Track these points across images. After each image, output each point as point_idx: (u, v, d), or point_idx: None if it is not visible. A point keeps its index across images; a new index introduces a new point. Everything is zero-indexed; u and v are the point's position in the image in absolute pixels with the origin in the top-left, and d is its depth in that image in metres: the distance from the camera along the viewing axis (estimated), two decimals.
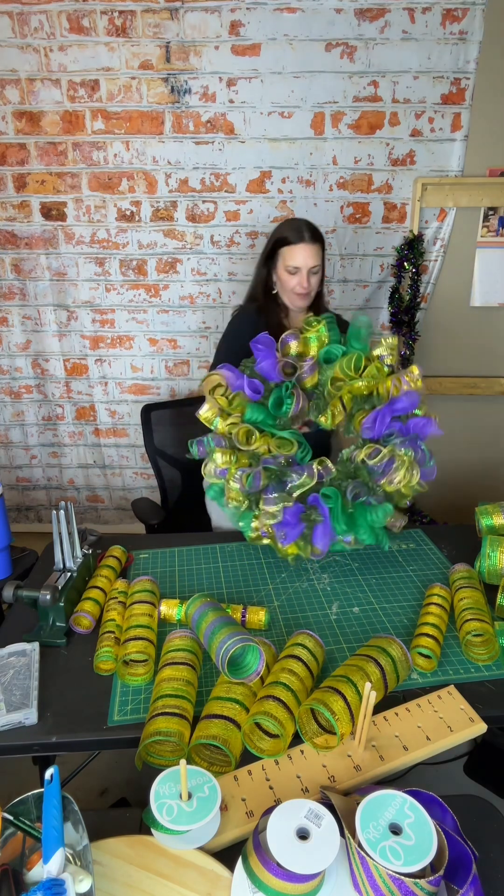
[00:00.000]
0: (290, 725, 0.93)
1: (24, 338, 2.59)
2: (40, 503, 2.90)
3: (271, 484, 1.34)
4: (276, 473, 1.35)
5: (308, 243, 1.63)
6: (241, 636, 1.02)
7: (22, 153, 2.31)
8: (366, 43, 2.15)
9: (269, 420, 1.42)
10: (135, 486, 2.85)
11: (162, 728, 0.92)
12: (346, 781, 0.88)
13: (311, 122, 2.26)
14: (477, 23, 2.12)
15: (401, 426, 1.41)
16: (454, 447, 2.70)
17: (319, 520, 1.31)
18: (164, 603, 1.25)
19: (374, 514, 1.31)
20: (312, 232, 1.65)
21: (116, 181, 2.35)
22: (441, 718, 0.99)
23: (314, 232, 1.65)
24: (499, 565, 1.33)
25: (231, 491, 1.35)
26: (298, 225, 1.66)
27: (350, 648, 1.17)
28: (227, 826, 0.82)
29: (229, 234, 2.41)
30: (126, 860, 0.77)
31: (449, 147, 2.29)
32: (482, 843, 0.81)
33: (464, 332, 2.55)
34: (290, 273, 1.66)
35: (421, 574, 1.43)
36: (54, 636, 1.19)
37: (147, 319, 2.55)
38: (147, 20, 2.14)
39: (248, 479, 1.31)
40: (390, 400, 1.43)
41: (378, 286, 2.48)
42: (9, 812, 0.78)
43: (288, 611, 1.29)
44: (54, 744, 0.98)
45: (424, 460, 1.39)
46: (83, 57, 2.18)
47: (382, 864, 0.68)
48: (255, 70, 2.19)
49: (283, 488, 1.33)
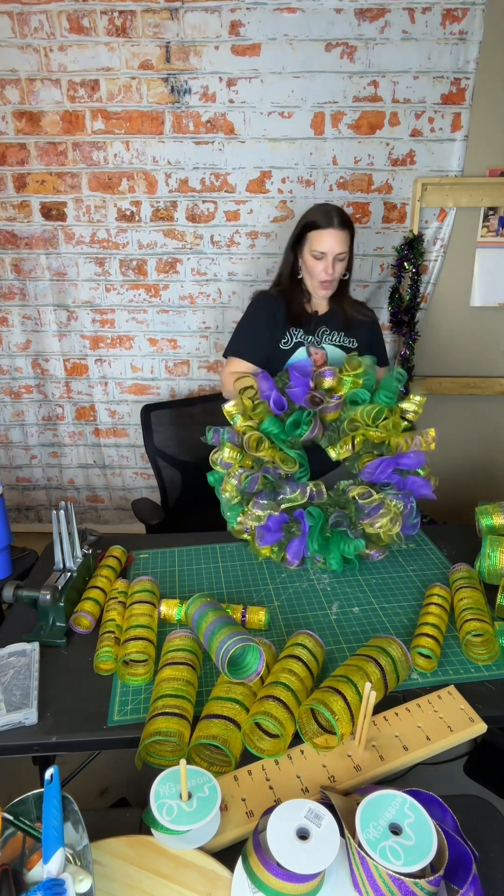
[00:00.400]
0: (290, 725, 0.93)
1: (24, 338, 2.59)
2: (40, 503, 2.90)
3: (265, 490, 1.42)
4: (272, 483, 1.43)
5: (336, 229, 1.60)
6: (241, 636, 1.02)
7: (22, 153, 2.31)
8: (366, 43, 2.15)
9: (283, 436, 1.49)
10: (135, 486, 2.85)
11: (162, 728, 0.92)
12: (346, 781, 0.88)
13: (311, 122, 2.25)
14: (477, 23, 2.12)
15: (399, 479, 1.48)
16: (454, 447, 2.71)
17: (298, 534, 1.42)
18: (164, 603, 1.25)
19: (347, 546, 1.39)
20: (342, 218, 1.61)
21: (116, 181, 2.35)
22: (441, 718, 0.99)
23: (344, 218, 1.62)
24: (499, 565, 1.33)
25: (228, 484, 1.44)
26: (328, 209, 1.62)
27: (350, 648, 1.17)
28: (227, 826, 0.82)
29: (229, 234, 2.41)
30: (126, 860, 0.77)
31: (449, 147, 2.29)
32: (482, 843, 0.81)
33: (464, 332, 2.55)
34: (316, 258, 1.63)
35: (421, 574, 1.43)
36: (54, 636, 1.19)
37: (147, 319, 2.55)
38: (147, 20, 2.14)
39: (246, 479, 1.40)
40: (398, 454, 1.49)
41: (378, 286, 2.48)
42: (9, 812, 0.78)
43: (288, 611, 1.29)
44: (54, 744, 0.98)
45: (410, 517, 1.45)
46: (83, 57, 2.18)
47: (382, 864, 0.68)
48: (255, 70, 2.19)
49: (275, 497, 1.41)
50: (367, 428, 1.50)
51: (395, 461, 1.47)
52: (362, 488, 1.43)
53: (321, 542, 1.40)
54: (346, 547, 1.39)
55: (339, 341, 1.73)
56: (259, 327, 1.71)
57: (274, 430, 1.47)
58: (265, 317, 1.71)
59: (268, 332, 1.70)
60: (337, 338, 1.73)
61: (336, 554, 1.39)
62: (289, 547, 1.43)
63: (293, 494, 1.40)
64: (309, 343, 1.69)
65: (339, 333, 1.73)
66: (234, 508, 1.45)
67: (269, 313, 1.71)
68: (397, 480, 1.47)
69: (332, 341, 1.72)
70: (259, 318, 1.72)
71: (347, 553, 1.39)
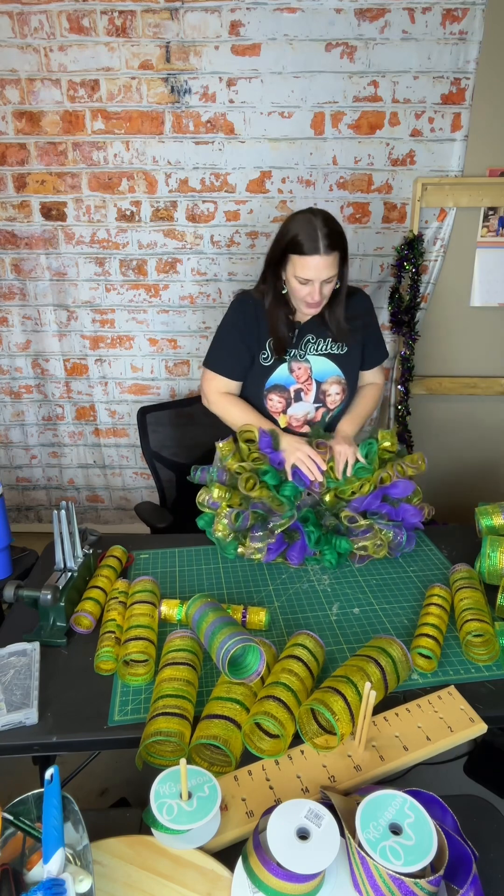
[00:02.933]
0: (290, 725, 0.94)
1: (24, 338, 2.59)
2: (40, 503, 2.91)
3: (257, 524, 1.44)
4: (262, 516, 1.45)
5: (323, 255, 1.39)
6: (241, 636, 1.02)
7: (22, 153, 2.31)
8: (366, 43, 2.15)
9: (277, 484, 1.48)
10: (135, 487, 2.85)
11: (162, 728, 0.92)
12: (346, 781, 0.88)
13: (311, 122, 2.25)
14: (477, 23, 2.12)
15: (391, 509, 1.49)
16: (454, 447, 2.71)
17: (297, 537, 1.45)
18: (165, 603, 1.25)
19: (339, 543, 1.44)
20: (329, 240, 1.39)
21: (116, 181, 2.35)
22: (441, 719, 0.99)
23: (332, 238, 1.39)
24: (499, 565, 1.33)
25: (219, 524, 1.45)
26: (313, 231, 1.38)
27: (350, 649, 1.17)
28: (227, 826, 0.82)
29: (229, 234, 2.41)
30: (126, 860, 0.77)
31: (449, 147, 2.29)
32: (482, 843, 0.81)
33: (464, 332, 2.55)
34: (301, 283, 1.45)
35: (421, 574, 1.43)
36: (55, 636, 1.19)
37: (147, 319, 2.55)
38: (147, 20, 2.14)
39: (237, 518, 1.42)
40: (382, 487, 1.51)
41: (378, 286, 2.48)
42: (9, 812, 0.78)
43: (288, 611, 1.29)
44: (54, 744, 0.98)
45: (400, 546, 1.47)
46: (83, 57, 2.18)
47: (382, 864, 0.68)
48: (255, 70, 2.19)
49: (267, 526, 1.44)
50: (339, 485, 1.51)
51: (381, 493, 1.49)
52: (348, 514, 1.46)
53: (318, 537, 1.44)
54: (339, 543, 1.43)
55: (327, 349, 1.60)
56: (236, 342, 1.60)
57: (272, 481, 1.47)
58: (243, 328, 1.59)
59: (245, 348, 1.59)
60: (324, 346, 1.60)
61: (331, 549, 1.43)
62: (290, 550, 1.44)
63: (283, 519, 1.43)
64: (291, 358, 1.59)
65: (325, 341, 1.60)
66: (230, 544, 1.46)
67: (247, 324, 1.58)
68: (387, 510, 1.49)
69: (318, 351, 1.60)
70: (236, 331, 1.60)
71: (341, 549, 1.44)
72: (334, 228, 1.42)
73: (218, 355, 1.64)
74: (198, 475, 1.54)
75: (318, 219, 1.41)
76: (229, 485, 1.49)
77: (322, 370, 1.60)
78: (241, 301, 1.62)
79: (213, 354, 1.65)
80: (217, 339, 1.65)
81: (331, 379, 1.60)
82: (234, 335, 1.61)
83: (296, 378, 1.59)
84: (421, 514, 1.51)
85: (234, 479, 1.48)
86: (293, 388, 1.59)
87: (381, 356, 1.74)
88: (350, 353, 1.63)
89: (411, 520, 1.50)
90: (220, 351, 1.64)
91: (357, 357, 1.65)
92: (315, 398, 1.60)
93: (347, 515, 1.46)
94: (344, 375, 1.62)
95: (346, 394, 1.63)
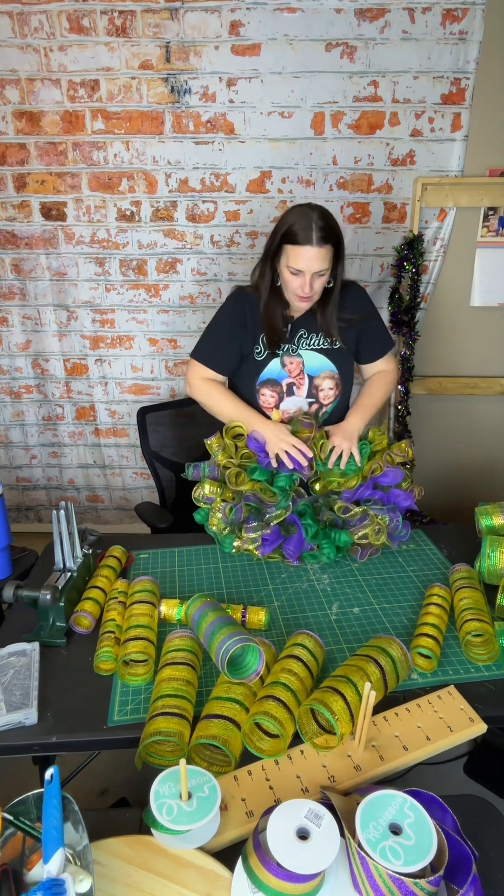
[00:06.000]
0: (289, 725, 0.94)
1: (24, 338, 2.59)
2: (40, 503, 2.91)
3: (251, 516, 1.45)
4: (256, 508, 1.46)
5: (315, 246, 1.41)
6: (240, 636, 1.02)
7: (22, 153, 2.31)
8: (366, 43, 2.15)
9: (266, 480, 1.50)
10: (135, 487, 2.85)
11: (162, 728, 0.92)
12: (346, 781, 0.88)
13: (311, 122, 2.26)
14: (477, 23, 2.12)
15: (382, 495, 1.51)
16: (454, 447, 2.70)
17: (294, 531, 1.45)
18: (164, 603, 1.25)
19: (338, 536, 1.44)
20: (323, 232, 1.41)
21: (116, 181, 2.35)
22: (441, 718, 0.99)
23: (326, 232, 1.42)
24: (499, 565, 1.33)
25: (214, 518, 1.47)
26: (309, 222, 1.41)
27: (350, 649, 1.17)
28: (227, 826, 0.82)
29: (229, 234, 2.41)
30: (126, 860, 0.77)
31: (449, 147, 2.29)
32: (482, 843, 0.81)
33: (464, 332, 2.56)
34: (293, 274, 1.47)
35: (421, 574, 1.43)
36: (54, 636, 1.19)
37: (147, 319, 2.55)
38: (147, 20, 2.14)
39: (230, 511, 1.44)
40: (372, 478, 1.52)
41: (378, 286, 2.48)
42: (9, 812, 0.78)
43: (288, 611, 1.29)
44: (54, 744, 0.98)
45: (397, 530, 1.48)
46: (83, 57, 2.18)
47: (382, 864, 0.68)
48: (255, 70, 2.19)
49: (262, 518, 1.44)
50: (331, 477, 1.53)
51: (371, 483, 1.50)
52: (341, 505, 1.47)
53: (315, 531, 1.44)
54: (337, 537, 1.43)
55: (320, 344, 1.60)
56: (227, 337, 1.60)
57: (261, 477, 1.48)
58: (237, 322, 1.59)
59: (235, 343, 1.60)
60: (317, 341, 1.60)
61: (329, 543, 1.43)
62: (287, 543, 1.43)
63: (278, 511, 1.43)
64: (284, 353, 1.59)
65: (318, 335, 1.60)
66: (226, 538, 1.48)
67: (241, 319, 1.59)
68: (380, 496, 1.50)
69: (310, 346, 1.60)
70: (229, 326, 1.60)
71: (339, 542, 1.43)
72: (329, 223, 1.44)
73: (206, 347, 1.64)
74: (191, 472, 1.56)
75: (314, 211, 1.44)
76: (221, 480, 1.51)
77: (314, 365, 1.60)
78: (236, 296, 1.63)
79: (202, 346, 1.65)
80: (207, 332, 1.65)
81: (323, 374, 1.60)
82: (226, 329, 1.61)
83: (288, 372, 1.59)
84: (412, 497, 1.51)
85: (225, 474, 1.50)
86: (285, 382, 1.59)
87: (385, 346, 1.71)
88: (343, 349, 1.63)
89: (403, 503, 1.50)
90: (210, 343, 1.64)
91: (351, 353, 1.65)
92: (308, 393, 1.60)
93: (341, 506, 1.46)
94: (337, 370, 1.61)
95: (339, 389, 1.62)
